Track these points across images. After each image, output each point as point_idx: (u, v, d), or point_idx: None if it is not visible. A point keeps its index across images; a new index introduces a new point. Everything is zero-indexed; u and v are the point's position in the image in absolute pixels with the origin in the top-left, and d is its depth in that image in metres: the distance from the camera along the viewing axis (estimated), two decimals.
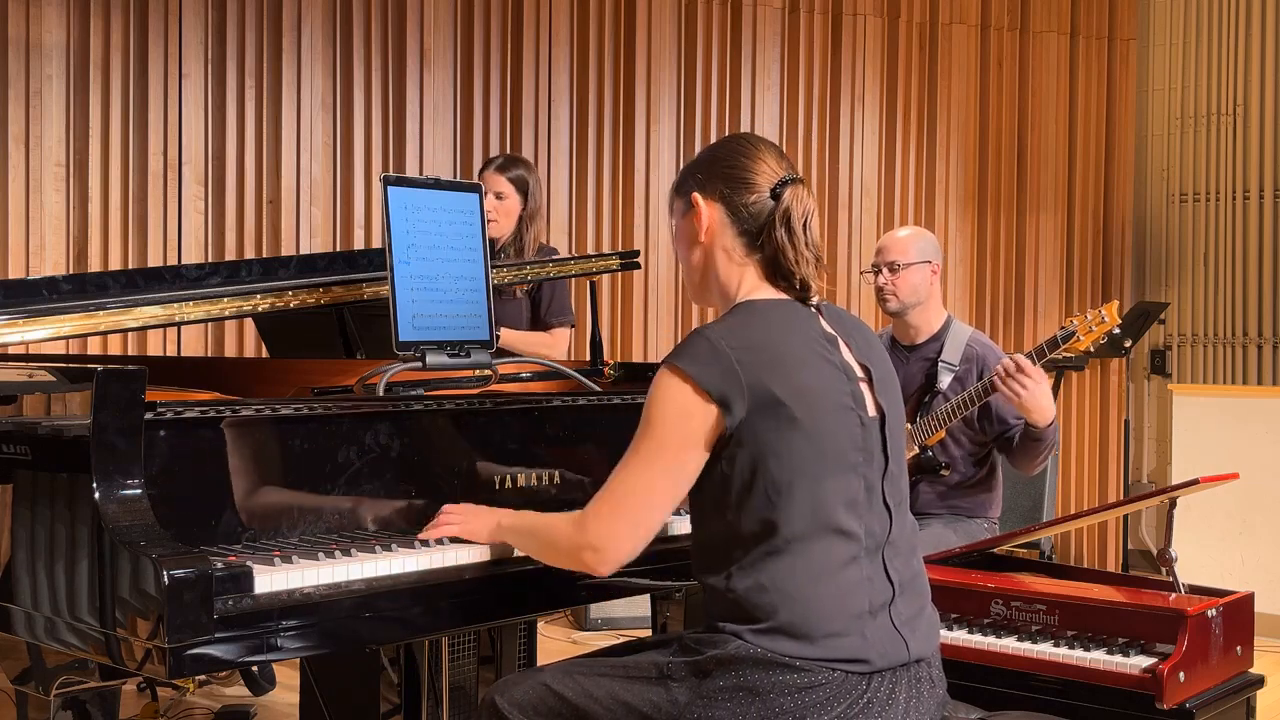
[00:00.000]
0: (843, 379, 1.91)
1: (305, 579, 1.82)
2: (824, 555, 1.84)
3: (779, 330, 1.90)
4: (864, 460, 1.89)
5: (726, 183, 1.97)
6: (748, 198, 1.96)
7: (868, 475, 1.90)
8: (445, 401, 2.25)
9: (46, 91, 4.71)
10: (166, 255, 4.86)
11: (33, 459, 1.86)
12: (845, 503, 1.86)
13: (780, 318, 1.93)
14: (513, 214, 4.02)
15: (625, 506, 1.87)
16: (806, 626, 1.81)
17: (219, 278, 2.66)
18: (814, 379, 1.87)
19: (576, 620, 5.04)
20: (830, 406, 1.87)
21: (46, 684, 1.85)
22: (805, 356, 1.89)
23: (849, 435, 1.88)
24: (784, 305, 1.95)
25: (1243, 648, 2.57)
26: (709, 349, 1.85)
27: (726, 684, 1.80)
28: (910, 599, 1.93)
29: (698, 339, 1.87)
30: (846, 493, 1.86)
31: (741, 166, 1.97)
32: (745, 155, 1.98)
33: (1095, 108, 6.39)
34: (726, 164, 1.98)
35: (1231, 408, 5.43)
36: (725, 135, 2.12)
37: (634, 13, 5.59)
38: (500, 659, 2.82)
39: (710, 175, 1.99)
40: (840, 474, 1.86)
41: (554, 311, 4.05)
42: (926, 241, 3.57)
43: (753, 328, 1.89)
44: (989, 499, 3.56)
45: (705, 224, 1.98)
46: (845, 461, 1.87)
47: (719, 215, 1.98)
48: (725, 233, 1.98)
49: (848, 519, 1.86)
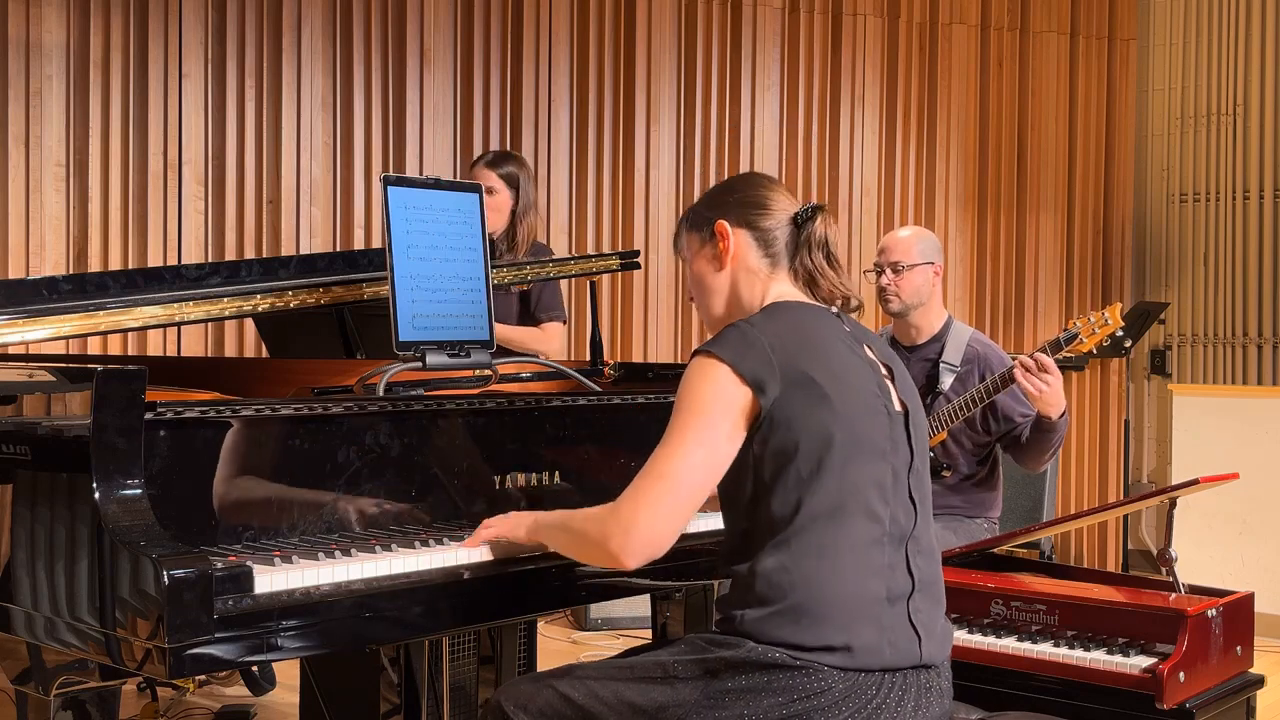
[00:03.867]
0: (870, 372, 1.96)
1: (305, 579, 1.81)
2: (847, 535, 1.85)
3: (808, 324, 1.95)
4: (891, 449, 1.92)
5: (750, 210, 2.05)
6: (769, 222, 2.04)
7: (894, 464, 1.92)
8: (445, 401, 2.25)
9: (46, 91, 4.71)
10: (166, 255, 4.86)
11: (33, 459, 1.86)
12: (873, 485, 1.88)
13: (808, 314, 1.98)
14: (504, 209, 4.02)
15: (661, 489, 1.83)
16: (821, 607, 1.81)
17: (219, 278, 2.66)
18: (844, 367, 1.91)
19: (576, 620, 5.04)
20: (860, 393, 1.90)
21: (46, 684, 1.85)
22: (835, 346, 1.94)
23: (878, 422, 1.91)
24: (809, 306, 2.02)
25: (1243, 648, 2.57)
26: (741, 336, 1.88)
27: (735, 685, 1.80)
28: (928, 599, 1.93)
29: (730, 329, 1.91)
30: (874, 476, 1.88)
31: (761, 197, 2.06)
32: (762, 187, 2.08)
33: (1095, 108, 6.39)
34: (746, 195, 2.06)
35: (1231, 408, 5.43)
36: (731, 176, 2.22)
37: (634, 13, 5.59)
38: (500, 659, 2.82)
39: (732, 204, 2.06)
40: (869, 458, 1.88)
41: (544, 306, 4.04)
42: (929, 242, 3.57)
43: (783, 320, 1.94)
44: (989, 499, 3.57)
45: (732, 249, 2.04)
46: (875, 447, 1.89)
47: (744, 239, 2.04)
48: (749, 255, 2.04)
49: (875, 502, 1.87)
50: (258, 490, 1.99)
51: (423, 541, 2.05)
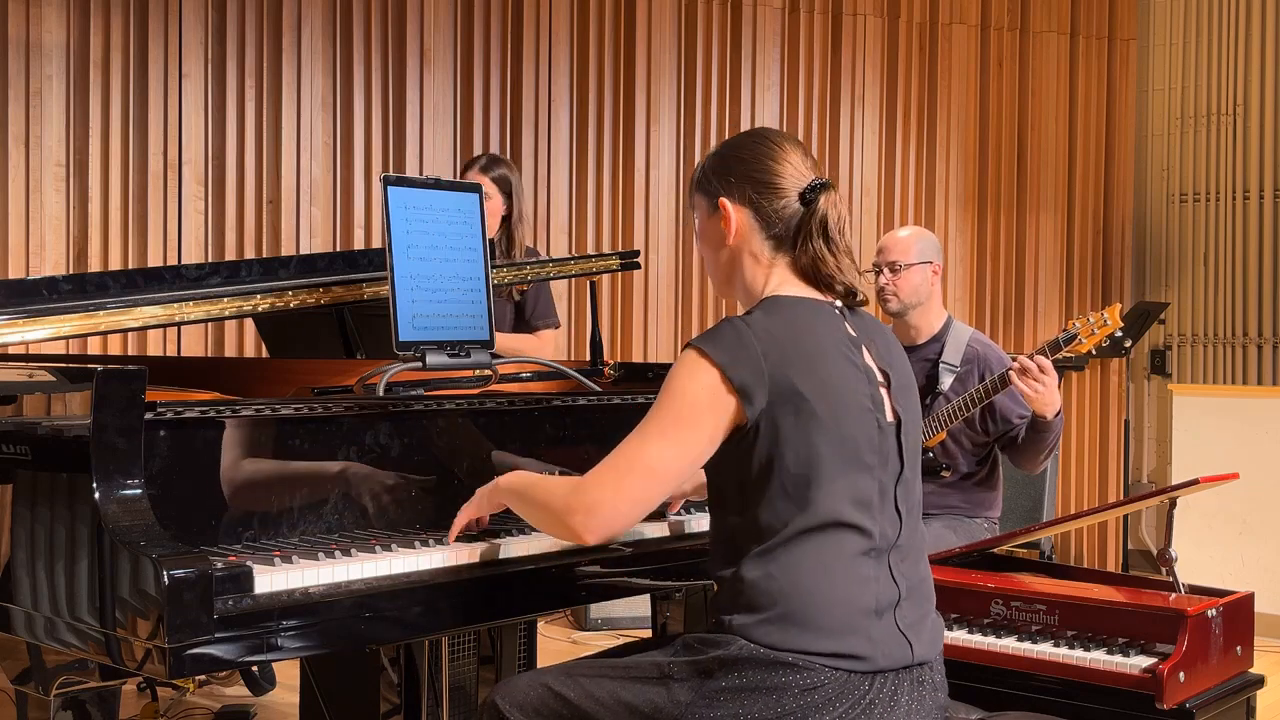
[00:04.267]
0: (864, 381, 1.92)
1: (305, 579, 1.81)
2: (834, 549, 1.84)
3: (805, 326, 1.91)
4: (879, 463, 1.90)
5: (754, 187, 1.97)
6: (776, 203, 1.96)
7: (882, 478, 1.90)
8: (445, 401, 2.25)
9: (46, 91, 4.71)
10: (166, 255, 4.86)
11: (33, 459, 1.86)
12: (858, 501, 1.86)
13: (807, 314, 1.94)
14: (496, 214, 4.01)
15: (630, 475, 1.84)
16: (810, 617, 1.81)
17: (219, 278, 2.65)
18: (837, 376, 1.88)
19: (576, 620, 5.04)
20: (851, 405, 1.88)
21: (46, 684, 1.85)
22: (830, 353, 1.90)
23: (866, 436, 1.89)
24: (810, 303, 1.96)
25: (1243, 648, 2.57)
26: (735, 337, 1.85)
27: (729, 684, 1.80)
28: (915, 603, 1.93)
29: (726, 326, 1.88)
30: (860, 492, 1.87)
31: (768, 170, 1.97)
32: (771, 158, 1.98)
33: (1095, 108, 6.39)
34: (753, 167, 1.98)
35: (1231, 408, 5.43)
36: (748, 131, 2.11)
37: (634, 13, 5.59)
38: (500, 659, 2.82)
39: (738, 178, 1.99)
40: (856, 472, 1.87)
41: (539, 314, 4.05)
42: (927, 242, 3.57)
43: (780, 321, 1.90)
44: (989, 499, 3.57)
45: (734, 228, 1.99)
46: (861, 461, 1.87)
47: (747, 220, 1.98)
48: (753, 237, 1.99)
49: (860, 517, 1.86)
50: (258, 490, 1.99)
51: (423, 541, 2.05)
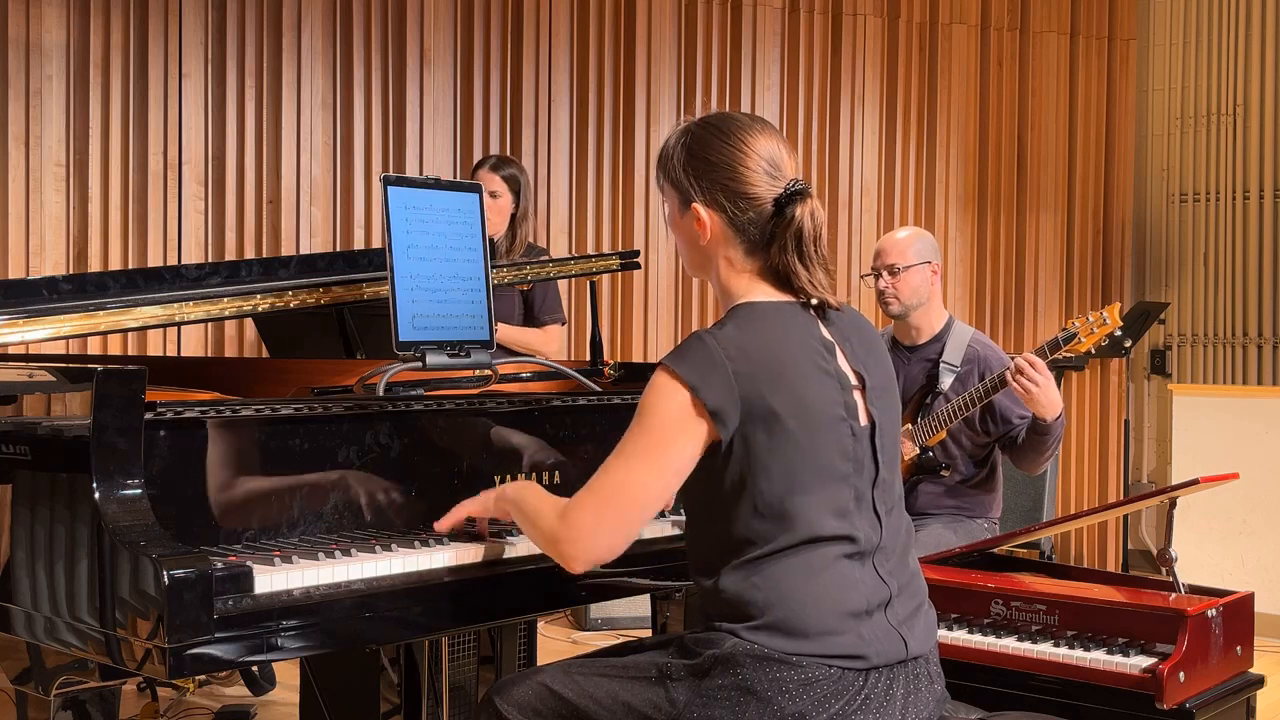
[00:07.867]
0: (837, 389, 1.90)
1: (305, 579, 1.82)
2: (815, 560, 1.85)
3: (778, 337, 1.89)
4: (854, 470, 1.90)
5: (726, 195, 1.92)
6: (750, 212, 1.92)
7: (858, 485, 1.90)
8: (445, 401, 2.25)
9: (46, 91, 4.71)
10: (166, 255, 4.86)
11: (33, 459, 1.86)
12: (835, 512, 1.87)
13: (779, 322, 1.91)
14: (505, 212, 4.18)
15: (611, 504, 1.85)
16: (799, 623, 1.81)
17: (219, 278, 2.66)
18: (809, 390, 1.87)
19: (576, 620, 5.04)
20: (823, 418, 1.87)
21: (46, 684, 1.85)
22: (802, 366, 1.88)
23: (840, 446, 1.88)
24: (784, 308, 1.94)
25: (1243, 648, 2.57)
26: (707, 357, 1.83)
27: (725, 683, 1.81)
28: (906, 599, 1.93)
29: (697, 344, 1.86)
30: (836, 502, 1.87)
31: (741, 179, 1.91)
32: (743, 164, 1.92)
33: (1095, 108, 6.39)
34: (725, 174, 1.92)
35: (1231, 408, 5.43)
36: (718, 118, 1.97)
37: (634, 13, 5.59)
38: (500, 659, 2.82)
39: (709, 183, 1.94)
40: (830, 484, 1.87)
41: (547, 309, 4.16)
42: (925, 242, 3.57)
43: (751, 334, 1.88)
44: (989, 499, 3.57)
45: (709, 233, 1.96)
46: (835, 472, 1.87)
47: (720, 226, 1.94)
48: (727, 243, 1.95)
49: (840, 526, 1.87)
50: (258, 490, 1.99)
51: (423, 541, 2.05)
